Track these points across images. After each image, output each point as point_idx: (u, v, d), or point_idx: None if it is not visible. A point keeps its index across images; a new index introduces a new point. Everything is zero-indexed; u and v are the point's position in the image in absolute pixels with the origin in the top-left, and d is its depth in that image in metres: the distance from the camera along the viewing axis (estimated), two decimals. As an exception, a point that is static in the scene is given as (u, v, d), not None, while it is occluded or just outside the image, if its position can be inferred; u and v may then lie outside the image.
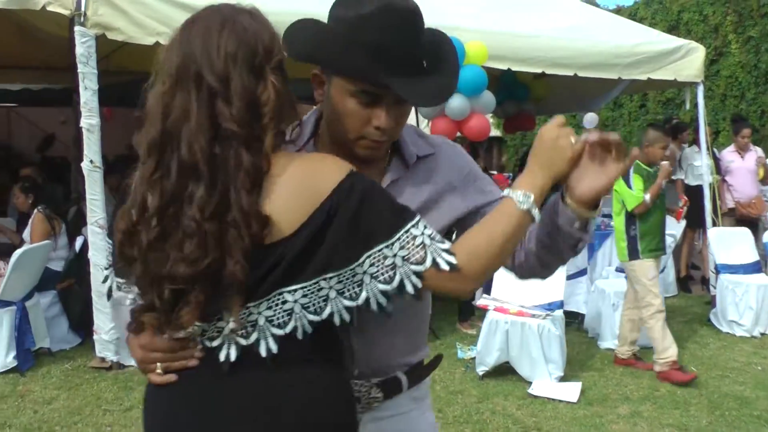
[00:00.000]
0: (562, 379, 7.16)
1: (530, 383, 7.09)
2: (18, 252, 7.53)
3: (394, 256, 1.88)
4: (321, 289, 1.88)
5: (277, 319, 1.88)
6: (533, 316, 7.22)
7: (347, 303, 1.90)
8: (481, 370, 7.36)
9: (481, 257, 1.94)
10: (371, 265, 1.87)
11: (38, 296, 8.06)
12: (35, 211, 8.35)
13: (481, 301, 7.79)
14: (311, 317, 1.89)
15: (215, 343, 1.90)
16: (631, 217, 7.46)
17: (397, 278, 1.88)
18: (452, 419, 6.33)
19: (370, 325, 2.16)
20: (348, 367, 2.12)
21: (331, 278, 1.88)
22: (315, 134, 2.32)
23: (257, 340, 1.88)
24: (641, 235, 7.40)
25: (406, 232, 1.89)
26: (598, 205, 2.05)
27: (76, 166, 7.80)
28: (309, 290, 1.89)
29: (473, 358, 7.63)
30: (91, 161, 7.11)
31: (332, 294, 1.89)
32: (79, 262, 8.37)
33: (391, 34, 2.13)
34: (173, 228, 1.82)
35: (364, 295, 1.89)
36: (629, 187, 7.34)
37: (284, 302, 1.88)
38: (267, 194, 1.84)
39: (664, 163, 7.60)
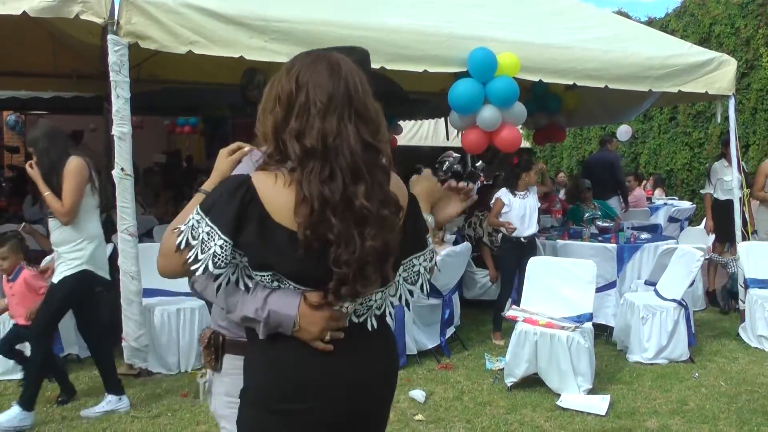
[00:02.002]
0: (591, 391, 7.12)
1: (559, 395, 7.07)
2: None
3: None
4: (414, 265, 2.75)
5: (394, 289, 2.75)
6: (562, 328, 7.18)
7: (428, 276, 2.81)
8: (509, 381, 7.33)
9: None
10: None
11: (68, 303, 8.08)
12: (67, 218, 8.37)
13: (510, 312, 7.76)
14: (409, 287, 2.76)
15: (362, 319, 2.65)
16: None
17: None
18: (480, 430, 6.32)
19: None
20: None
21: (419, 257, 2.76)
22: None
23: (384, 309, 2.72)
24: None
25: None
26: (443, 228, 3.00)
27: (107, 174, 7.82)
28: (407, 266, 2.74)
29: (501, 369, 7.61)
30: (122, 169, 7.13)
31: (422, 270, 2.77)
32: (109, 270, 8.39)
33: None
34: (351, 216, 2.42)
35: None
36: None
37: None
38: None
39: None
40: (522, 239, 9.17)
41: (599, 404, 6.86)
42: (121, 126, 7.08)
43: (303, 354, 2.56)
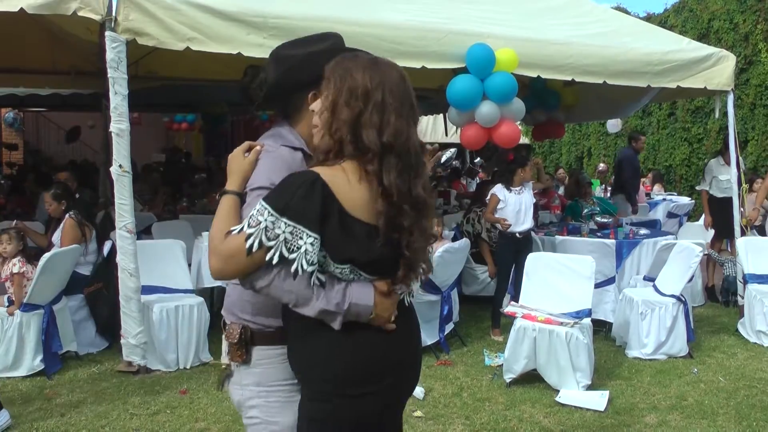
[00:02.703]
0: (590, 387, 7.12)
1: (558, 391, 7.07)
2: (46, 256, 7.55)
3: None
4: None
5: None
6: (561, 323, 7.17)
7: None
8: (508, 377, 7.33)
9: None
10: None
11: (66, 300, 8.11)
12: (67, 216, 8.38)
13: (509, 308, 7.75)
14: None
15: (402, 296, 2.84)
16: None
17: None
18: (479, 426, 6.31)
19: None
20: None
21: None
22: None
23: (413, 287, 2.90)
24: None
25: None
26: None
27: (105, 171, 7.81)
28: None
29: (501, 366, 7.61)
30: (120, 166, 7.12)
31: None
32: (107, 267, 8.40)
33: None
34: (414, 207, 2.67)
35: None
36: None
37: None
38: None
39: None
40: (518, 234, 9.19)
41: (598, 400, 6.86)
42: (119, 123, 7.07)
43: (381, 335, 2.76)
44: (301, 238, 2.54)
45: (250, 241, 2.53)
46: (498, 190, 9.34)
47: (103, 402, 6.80)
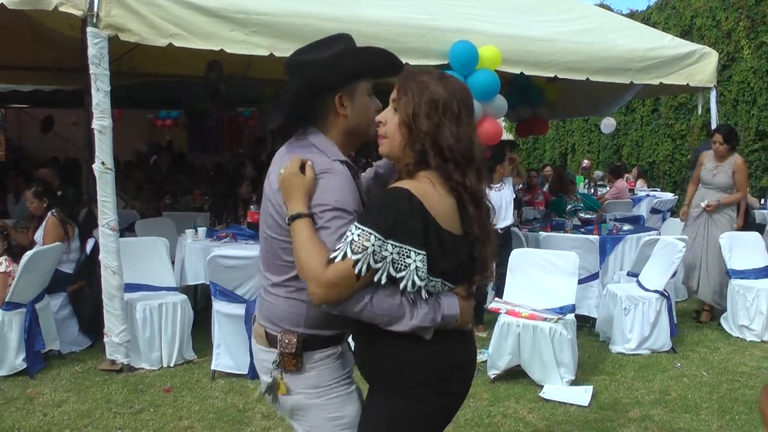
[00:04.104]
0: (574, 382, 7.13)
1: (542, 387, 7.07)
2: (28, 254, 7.50)
3: None
4: None
5: None
6: (545, 319, 7.17)
7: None
8: (492, 373, 7.33)
9: None
10: None
11: (48, 298, 8.04)
12: (49, 214, 8.32)
13: (492, 304, 7.74)
14: None
15: None
16: None
17: None
18: (463, 422, 6.30)
19: None
20: None
21: None
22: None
23: None
24: None
25: None
26: None
27: (88, 168, 7.78)
28: None
29: (484, 362, 7.60)
30: (103, 163, 7.09)
31: None
32: (90, 264, 8.36)
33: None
34: (487, 208, 2.84)
35: None
36: None
37: None
38: None
39: None
40: (499, 231, 9.17)
41: (582, 395, 6.88)
42: (101, 119, 7.05)
43: (460, 338, 2.90)
44: (408, 256, 2.60)
45: (359, 267, 2.57)
46: None
47: (86, 401, 6.76)
